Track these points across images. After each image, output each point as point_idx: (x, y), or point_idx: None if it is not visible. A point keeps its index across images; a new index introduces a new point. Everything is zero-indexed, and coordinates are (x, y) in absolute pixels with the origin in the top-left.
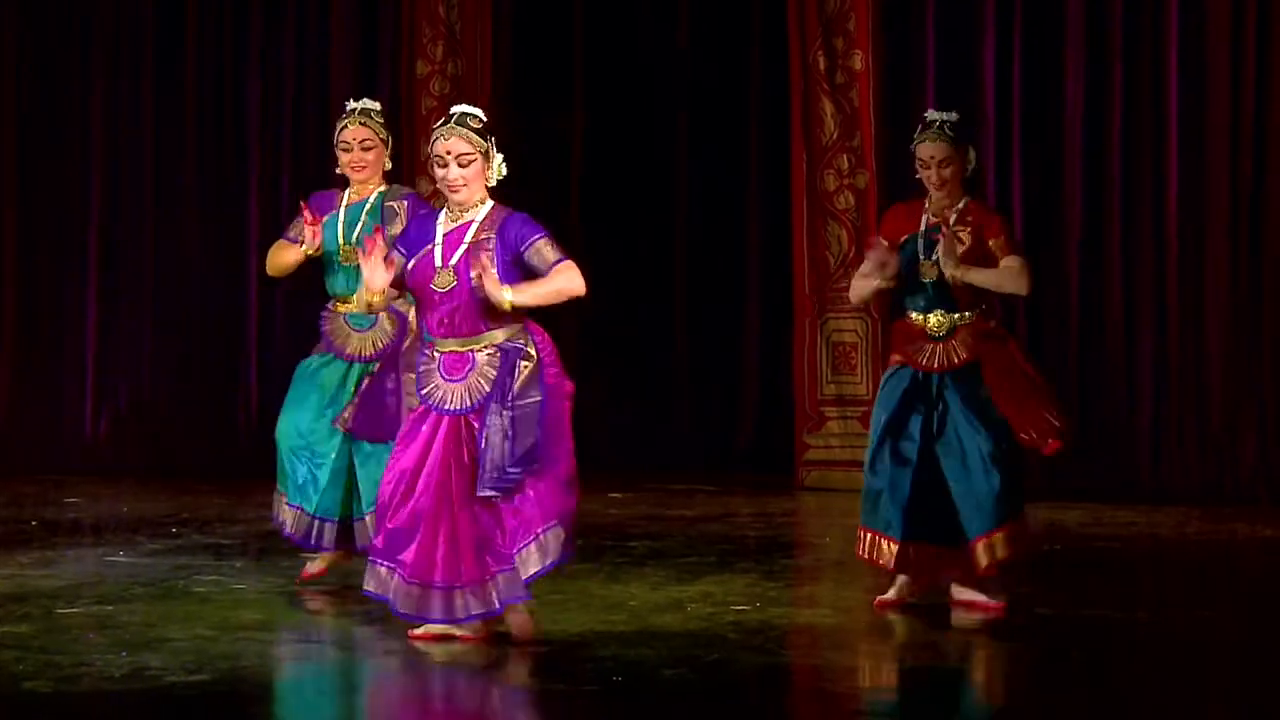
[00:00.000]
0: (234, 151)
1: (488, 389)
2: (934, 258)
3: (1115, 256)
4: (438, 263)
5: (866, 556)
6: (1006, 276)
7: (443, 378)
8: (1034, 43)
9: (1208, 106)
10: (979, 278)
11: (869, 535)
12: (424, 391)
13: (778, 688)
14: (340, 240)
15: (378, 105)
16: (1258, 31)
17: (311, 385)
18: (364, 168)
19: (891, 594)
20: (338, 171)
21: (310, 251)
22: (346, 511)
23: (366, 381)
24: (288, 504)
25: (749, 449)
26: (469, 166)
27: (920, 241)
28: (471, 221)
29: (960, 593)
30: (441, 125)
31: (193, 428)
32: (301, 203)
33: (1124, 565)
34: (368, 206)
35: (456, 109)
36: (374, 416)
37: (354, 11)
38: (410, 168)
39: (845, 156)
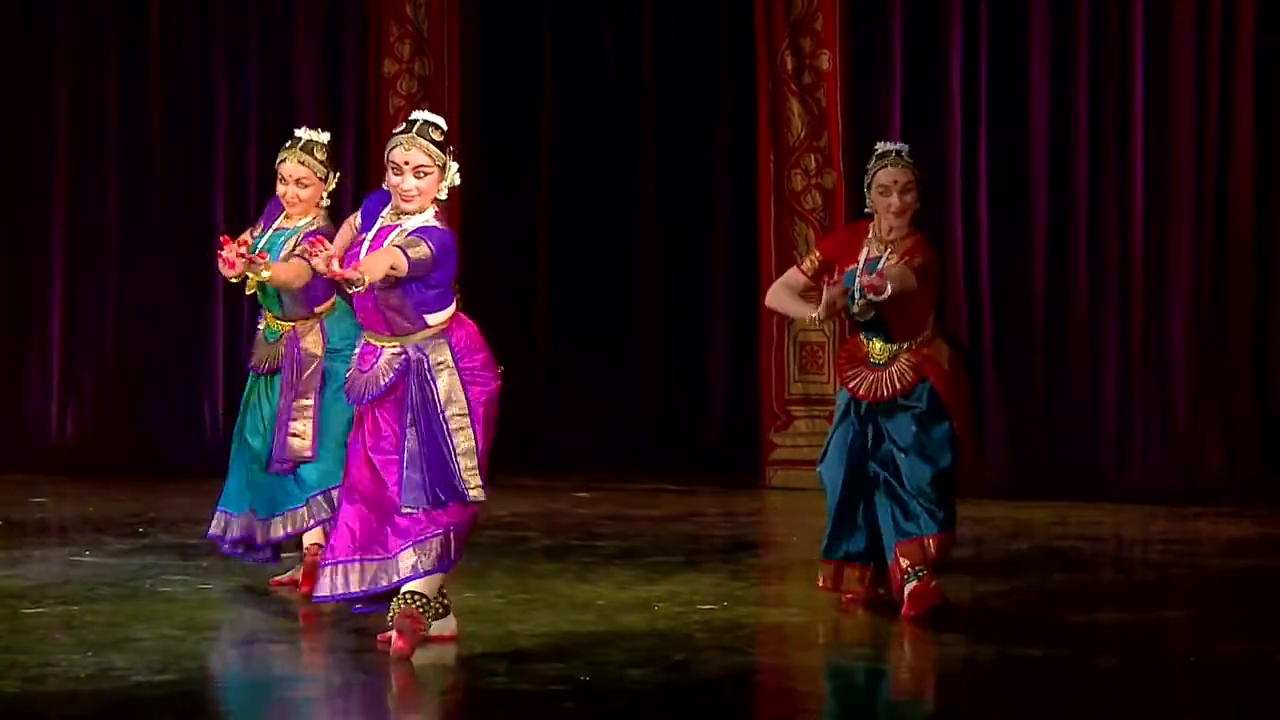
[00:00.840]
0: (199, 149)
1: (381, 385)
2: (864, 299)
3: (1080, 257)
4: (362, 254)
5: (827, 586)
6: (896, 276)
7: (357, 369)
8: (1000, 43)
9: (1172, 108)
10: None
11: (828, 567)
12: (346, 379)
13: (745, 687)
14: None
15: (325, 138)
16: (1223, 30)
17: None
18: (296, 203)
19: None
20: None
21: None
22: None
23: (278, 415)
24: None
25: (716, 448)
26: (424, 179)
27: (859, 275)
28: (399, 227)
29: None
30: (402, 133)
31: (159, 427)
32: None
33: (1089, 566)
34: (290, 237)
35: (418, 116)
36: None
37: (320, 10)
38: (377, 168)
39: (812, 156)
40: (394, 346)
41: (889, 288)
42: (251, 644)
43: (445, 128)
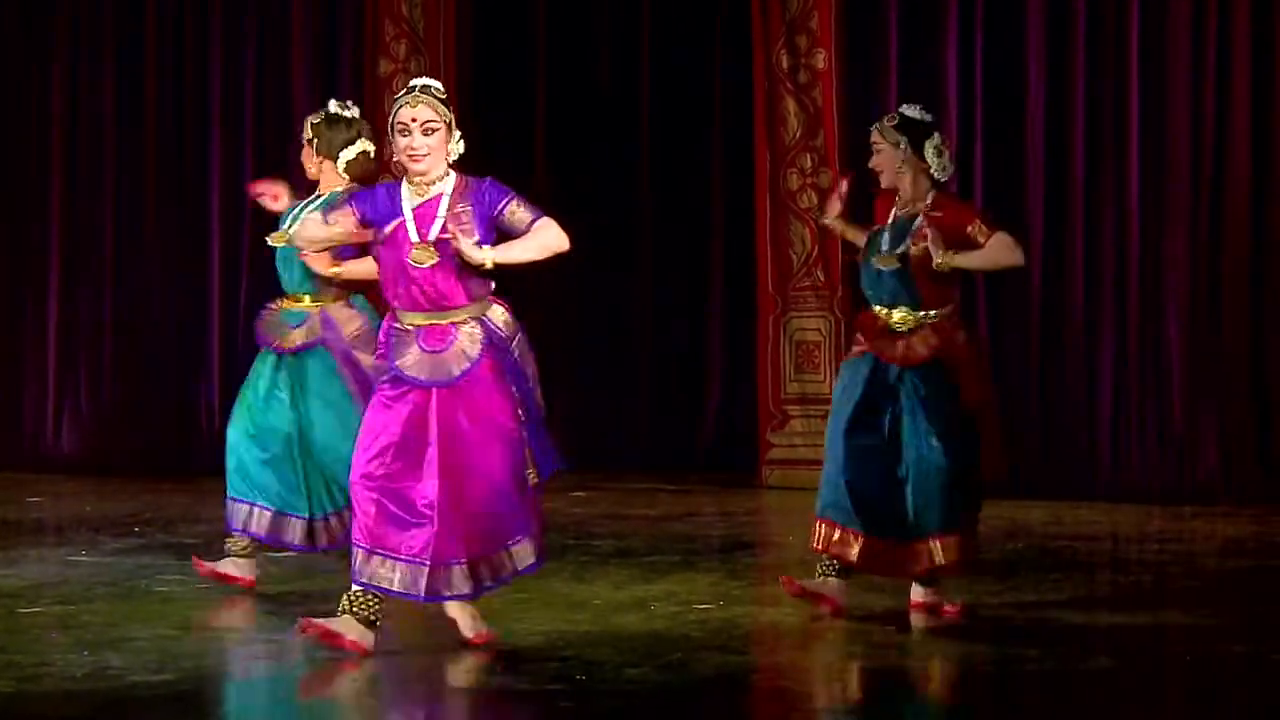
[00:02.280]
0: (195, 147)
1: (475, 357)
2: (898, 250)
3: (1077, 255)
4: (414, 237)
5: (822, 547)
6: (999, 251)
7: (422, 349)
8: (996, 43)
9: (1168, 110)
10: (970, 260)
11: (826, 527)
12: (398, 361)
13: (741, 687)
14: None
15: (323, 111)
16: (1219, 29)
17: (254, 384)
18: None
19: (808, 582)
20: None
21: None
22: (304, 509)
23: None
24: (239, 501)
25: (712, 448)
26: (433, 135)
27: (885, 235)
28: (441, 194)
29: (919, 594)
30: (405, 94)
31: (155, 426)
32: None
33: (1085, 566)
34: (315, 204)
35: (418, 81)
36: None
37: (316, 10)
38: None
39: (808, 156)
40: (463, 318)
41: (895, 265)
42: (248, 643)
43: (444, 89)
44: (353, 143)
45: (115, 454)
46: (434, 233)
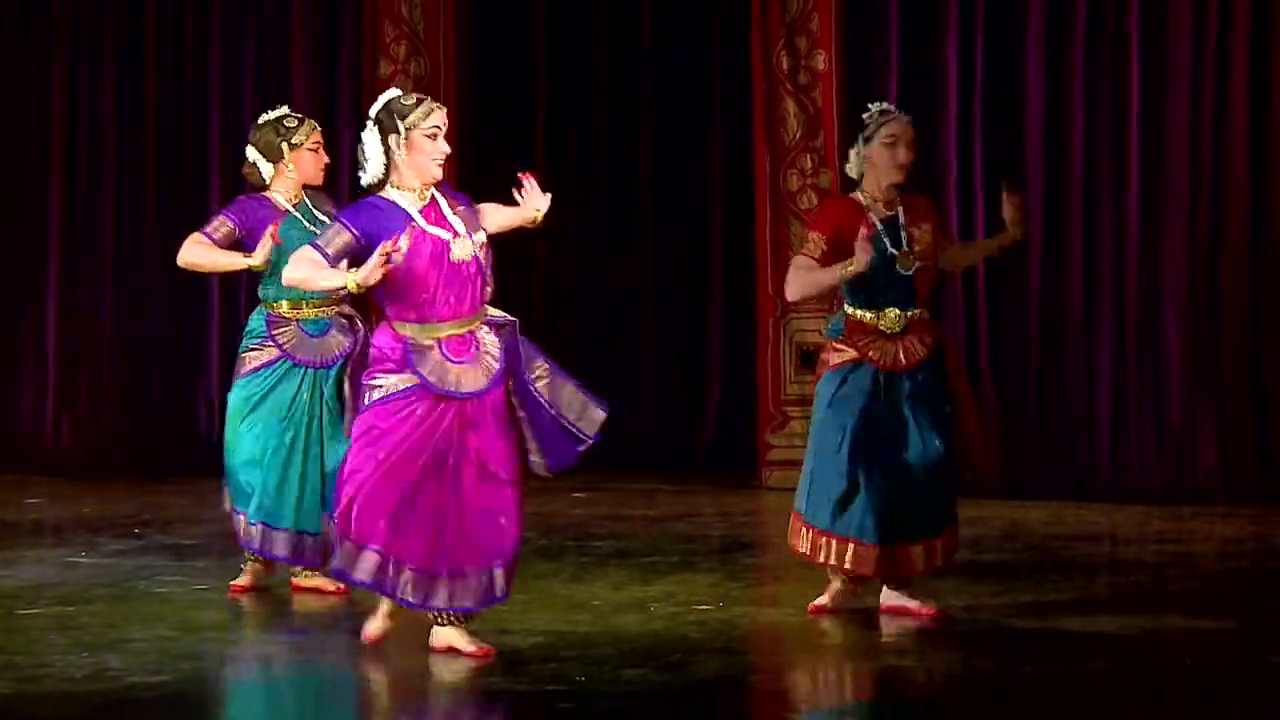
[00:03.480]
0: (195, 147)
1: (496, 366)
2: (906, 248)
3: (1076, 255)
4: (445, 235)
5: (834, 563)
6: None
7: (450, 360)
8: (997, 43)
9: (1167, 104)
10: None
11: (834, 541)
12: (432, 377)
13: (740, 688)
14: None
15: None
16: (1219, 29)
17: (268, 397)
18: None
19: (825, 600)
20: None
21: (257, 265)
22: (295, 523)
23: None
24: (249, 521)
25: (711, 448)
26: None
27: (884, 239)
28: (436, 200)
29: (891, 598)
30: (429, 101)
31: (154, 428)
32: (272, 227)
33: (1084, 567)
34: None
35: (413, 94)
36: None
37: (315, 10)
38: None
39: (808, 156)
40: (479, 326)
41: (917, 264)
42: (247, 645)
43: None
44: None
45: (114, 455)
46: (461, 227)
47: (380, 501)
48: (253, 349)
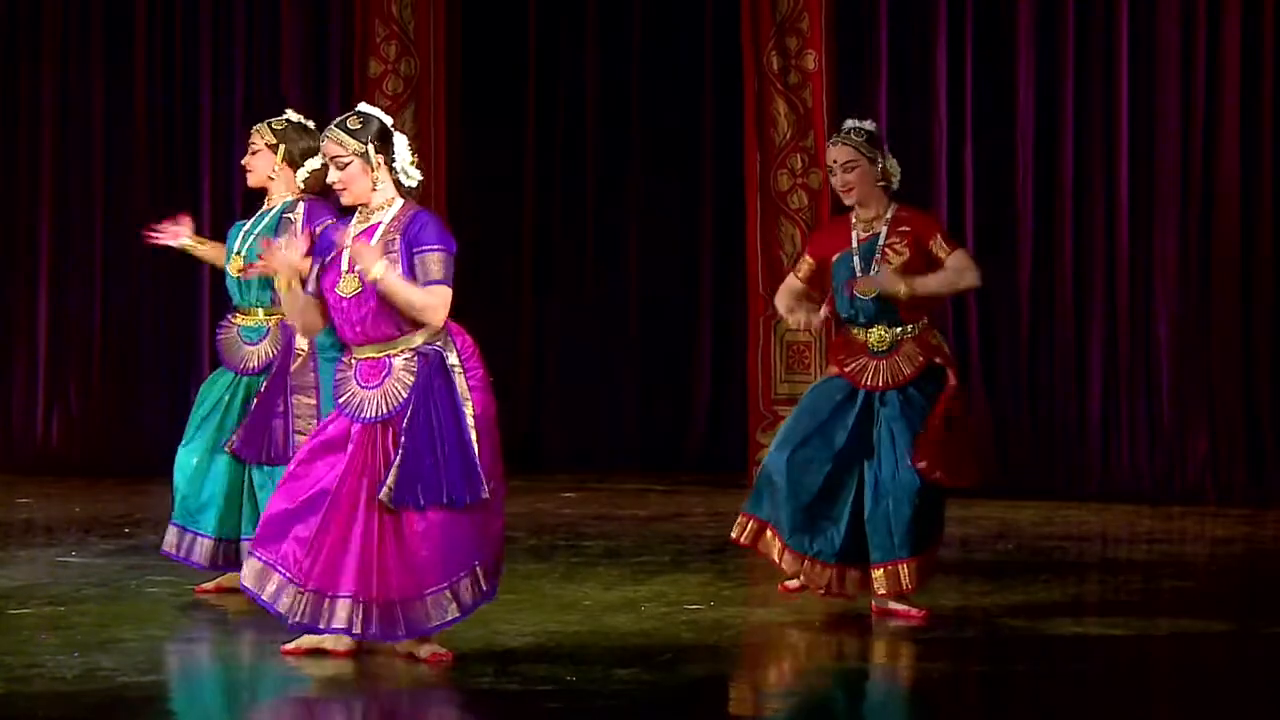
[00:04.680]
0: (185, 149)
1: (404, 395)
2: (872, 272)
3: (1066, 255)
4: (344, 267)
5: (747, 543)
6: (958, 275)
7: (359, 384)
8: (986, 42)
9: (1158, 105)
10: (932, 287)
11: (752, 522)
12: (341, 399)
13: (731, 688)
14: (235, 248)
15: (282, 116)
16: (1208, 26)
17: (203, 401)
18: (250, 172)
19: (794, 583)
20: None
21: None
22: (233, 532)
23: (255, 402)
24: (171, 523)
25: (702, 448)
26: (345, 169)
27: (855, 258)
28: (379, 223)
29: (881, 602)
30: (324, 131)
31: (145, 427)
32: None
33: (1075, 566)
34: (266, 220)
35: (334, 122)
36: (260, 439)
37: (305, 10)
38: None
39: (799, 156)
40: (400, 352)
41: (875, 292)
42: (237, 645)
43: (377, 116)
44: (313, 154)
45: (104, 455)
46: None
47: (286, 517)
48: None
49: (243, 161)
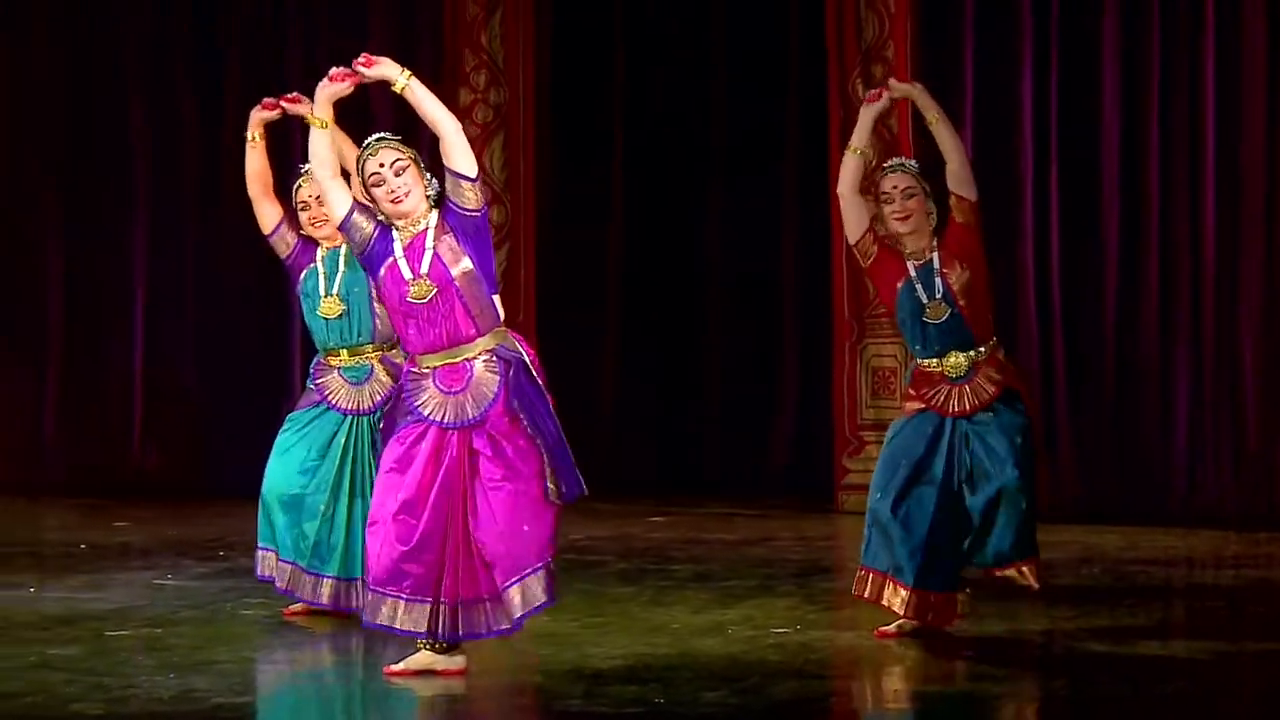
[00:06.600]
0: (277, 176)
1: (493, 394)
2: (937, 296)
3: (1152, 276)
4: (407, 275)
5: (870, 598)
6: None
7: (441, 390)
8: (1071, 71)
9: (1243, 124)
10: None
11: (873, 575)
12: (419, 404)
13: (817, 711)
14: (321, 292)
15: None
16: None
17: (300, 437)
18: (323, 223)
19: (892, 627)
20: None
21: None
22: (345, 570)
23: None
24: (279, 560)
25: (788, 472)
26: (405, 173)
27: (917, 286)
28: (426, 229)
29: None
30: (362, 150)
31: (239, 450)
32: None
33: (1160, 591)
34: (343, 255)
35: (371, 138)
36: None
37: (393, 39)
38: None
39: None
40: (477, 355)
41: (947, 313)
42: (331, 667)
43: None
44: None
45: (198, 479)
46: (426, 265)
47: (388, 542)
48: (307, 390)
49: (308, 216)
